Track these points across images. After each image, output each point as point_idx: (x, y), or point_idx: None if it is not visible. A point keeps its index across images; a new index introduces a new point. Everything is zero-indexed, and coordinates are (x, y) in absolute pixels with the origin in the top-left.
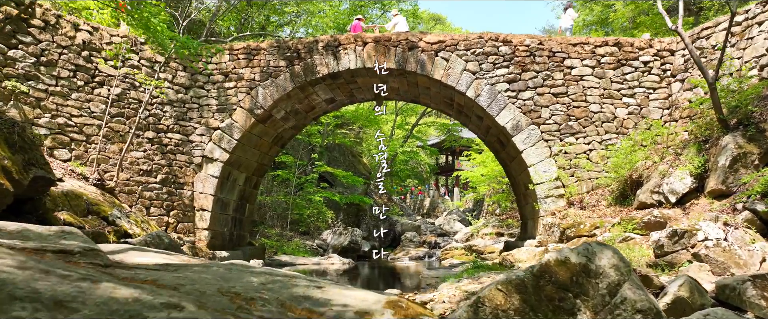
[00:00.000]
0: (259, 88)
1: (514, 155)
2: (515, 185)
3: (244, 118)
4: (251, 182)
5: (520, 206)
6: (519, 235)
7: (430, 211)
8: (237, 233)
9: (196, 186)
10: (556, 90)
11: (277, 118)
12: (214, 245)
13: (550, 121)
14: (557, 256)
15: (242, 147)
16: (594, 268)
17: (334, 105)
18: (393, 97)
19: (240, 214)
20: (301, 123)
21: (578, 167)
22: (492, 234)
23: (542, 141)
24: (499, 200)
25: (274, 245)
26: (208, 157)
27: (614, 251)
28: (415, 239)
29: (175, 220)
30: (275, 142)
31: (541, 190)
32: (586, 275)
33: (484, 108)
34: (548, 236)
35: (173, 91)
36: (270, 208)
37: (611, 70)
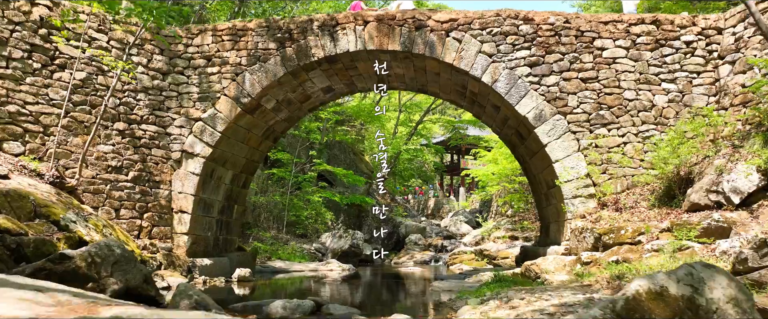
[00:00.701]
0: (245, 73)
1: (535, 150)
2: (535, 183)
3: (229, 108)
4: (239, 181)
5: (540, 207)
6: (538, 239)
7: (435, 212)
8: (223, 238)
9: (175, 185)
10: (584, 74)
11: (268, 108)
12: (196, 251)
13: (578, 111)
14: (650, 285)
15: (227, 141)
16: (704, 303)
17: (331, 95)
18: (397, 86)
19: (227, 216)
20: (296, 115)
21: (611, 163)
22: (505, 238)
23: (569, 133)
24: (512, 200)
25: (267, 250)
26: (189, 152)
27: (728, 276)
28: (420, 241)
29: (150, 223)
30: (266, 136)
31: (568, 189)
32: (694, 314)
33: (501, 95)
34: (578, 243)
35: (148, 76)
36: (264, 209)
37: (648, 52)
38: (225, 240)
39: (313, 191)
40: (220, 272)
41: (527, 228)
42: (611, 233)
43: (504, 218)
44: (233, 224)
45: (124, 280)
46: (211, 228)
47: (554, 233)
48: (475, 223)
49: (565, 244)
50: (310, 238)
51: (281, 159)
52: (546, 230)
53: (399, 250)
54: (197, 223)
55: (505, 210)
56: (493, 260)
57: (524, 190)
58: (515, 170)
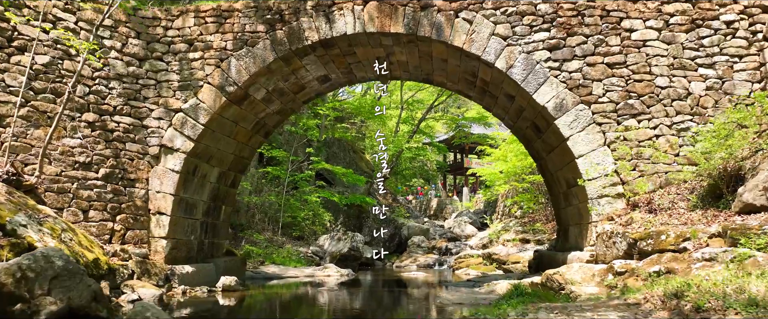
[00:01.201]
0: (231, 59)
1: (554, 144)
2: (552, 182)
3: (213, 98)
4: (227, 179)
5: (558, 208)
6: (554, 243)
7: (438, 212)
8: (209, 242)
9: (152, 183)
10: (611, 59)
11: (257, 98)
12: (176, 257)
13: (604, 100)
14: None
15: (212, 135)
16: None
17: (328, 85)
18: (400, 76)
19: (213, 218)
20: (289, 107)
21: (642, 158)
22: (515, 241)
23: (594, 125)
24: (523, 200)
25: (261, 254)
26: (168, 146)
27: None
28: (424, 244)
29: (123, 226)
30: (256, 130)
31: (592, 188)
32: None
33: (517, 83)
34: (606, 249)
35: (123, 62)
36: (259, 210)
37: (683, 34)
38: (211, 244)
39: (310, 190)
40: (205, 281)
41: (539, 231)
42: (649, 238)
43: (512, 220)
44: (221, 226)
45: (67, 298)
46: (195, 231)
47: (575, 237)
48: (480, 224)
49: (589, 249)
50: (307, 240)
51: (276, 157)
52: (564, 234)
53: (401, 252)
54: (178, 226)
55: (515, 211)
56: (503, 264)
57: (535, 189)
58: (526, 168)
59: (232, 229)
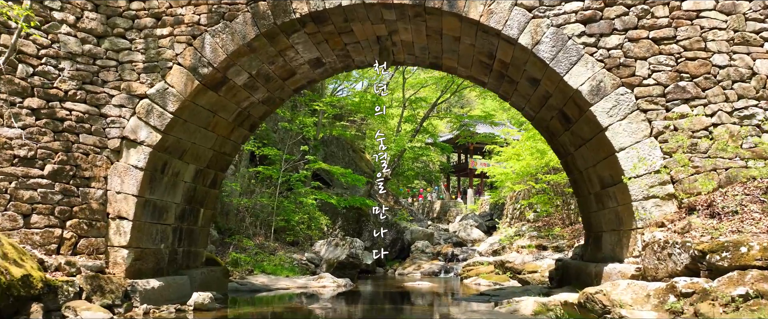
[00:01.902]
0: (205, 35)
1: (587, 136)
2: (580, 182)
3: (184, 82)
4: (206, 178)
5: (587, 211)
6: (582, 252)
7: (441, 215)
8: (184, 251)
9: (111, 183)
10: (658, 33)
11: (238, 84)
12: (141, 269)
13: (649, 82)
14: None
15: (184, 126)
16: None
17: (322, 71)
18: (404, 60)
19: (189, 223)
20: (277, 96)
21: (697, 152)
22: (531, 247)
23: (638, 112)
24: (539, 202)
25: (250, 262)
26: (131, 139)
27: None
28: (428, 249)
29: (75, 234)
30: (239, 122)
31: (637, 187)
32: None
33: (545, 63)
34: (660, 262)
35: (77, 39)
36: (249, 213)
37: (746, 2)
38: (186, 253)
39: (306, 192)
40: (176, 296)
41: (559, 236)
42: (723, 250)
43: (524, 223)
44: (199, 232)
45: None
46: (165, 238)
47: (611, 246)
48: (486, 227)
49: (633, 261)
50: (301, 246)
51: (269, 155)
52: (595, 241)
53: (404, 258)
54: (143, 232)
55: (529, 214)
56: (518, 274)
57: (551, 190)
58: (542, 167)
59: (219, 234)
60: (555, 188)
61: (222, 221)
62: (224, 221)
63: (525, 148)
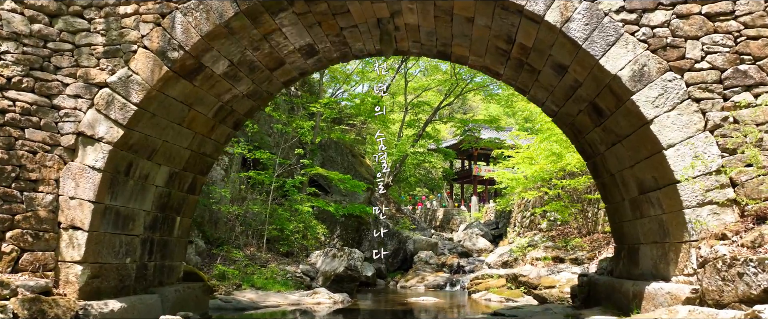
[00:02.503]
0: (176, 14)
1: (624, 131)
2: (611, 186)
3: (151, 67)
4: (182, 182)
5: (619, 219)
6: (611, 267)
7: (444, 224)
8: (156, 265)
9: (64, 186)
10: (712, 8)
11: (216, 73)
12: (100, 288)
13: (703, 65)
14: None
15: (152, 121)
16: None
17: (315, 60)
18: (408, 49)
19: (162, 233)
20: (265, 89)
21: (764, 148)
22: (547, 259)
23: (689, 101)
24: (555, 209)
25: (238, 275)
26: (87, 135)
27: None
28: (432, 260)
29: (16, 247)
30: (221, 118)
31: (690, 191)
32: None
33: (576, 44)
34: (725, 284)
35: (24, 18)
36: (240, 221)
37: None
38: (159, 268)
39: (301, 199)
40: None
41: (578, 247)
42: None
43: (535, 232)
44: (175, 243)
45: None
46: (132, 251)
47: (653, 261)
48: (492, 237)
49: (685, 280)
50: (296, 257)
51: (261, 159)
52: (631, 255)
53: (406, 269)
54: (102, 245)
55: (543, 223)
56: (534, 289)
57: (568, 196)
58: (558, 171)
59: (207, 244)
60: (572, 195)
61: (210, 231)
62: (213, 231)
63: (539, 151)
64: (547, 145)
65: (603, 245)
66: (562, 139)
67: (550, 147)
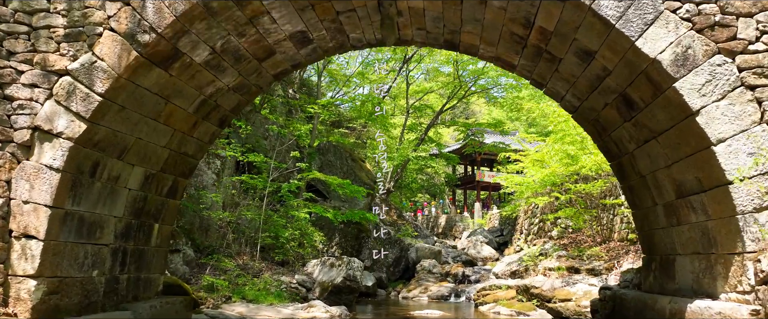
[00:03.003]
0: None
1: (662, 126)
2: (640, 188)
3: (118, 53)
4: (161, 185)
5: (647, 227)
6: (639, 279)
7: (447, 230)
8: (130, 278)
9: (17, 188)
10: None
11: (196, 61)
12: (59, 306)
13: (758, 47)
14: None
15: (122, 114)
16: None
17: (309, 51)
18: (412, 38)
19: (137, 242)
20: (253, 83)
21: None
22: (561, 269)
23: (743, 89)
24: (569, 216)
25: (228, 286)
26: (45, 129)
27: None
28: (435, 269)
29: None
30: (204, 114)
31: (744, 193)
32: None
33: (608, 23)
34: None
35: None
36: (232, 228)
37: None
38: (134, 281)
39: (298, 205)
40: None
41: (594, 256)
42: None
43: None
44: (153, 253)
45: None
46: (100, 263)
47: (694, 275)
48: (497, 244)
49: (739, 298)
50: (291, 266)
51: (255, 163)
52: (665, 267)
53: (408, 279)
54: (62, 256)
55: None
56: (547, 302)
57: (584, 202)
58: (572, 174)
59: (198, 253)
60: (586, 200)
61: (200, 238)
62: (203, 238)
63: (555, 151)
64: (561, 146)
65: (621, 254)
66: (577, 140)
67: (565, 149)
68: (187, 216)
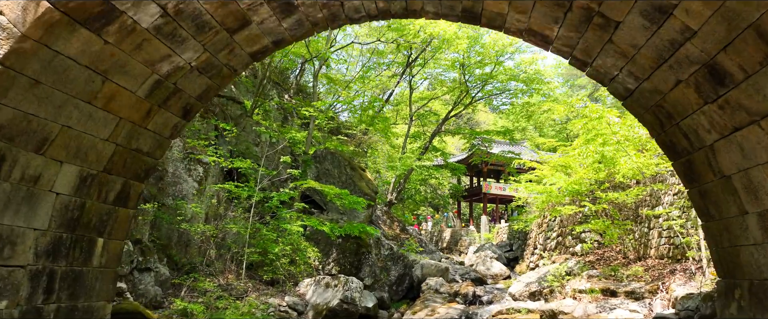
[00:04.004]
0: None
1: (761, 108)
2: (718, 193)
3: (23, 4)
4: (104, 190)
5: (725, 242)
6: (712, 308)
7: (452, 245)
8: (59, 308)
9: None
10: None
11: (141, 25)
12: None
13: None
14: None
15: (36, 92)
16: None
17: (294, 22)
18: (423, 6)
19: (71, 261)
20: (223, 62)
21: None
22: (594, 292)
23: None
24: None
25: (203, 312)
26: None
27: None
28: (443, 288)
29: None
30: (160, 99)
31: None
32: None
33: None
34: None
35: None
36: (215, 243)
37: None
38: (65, 312)
39: (291, 217)
40: None
41: (631, 276)
42: None
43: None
44: (95, 276)
45: None
46: (11, 291)
47: None
48: (507, 260)
49: None
50: (282, 286)
51: (240, 169)
52: (758, 296)
53: (413, 299)
54: None
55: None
56: None
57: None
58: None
59: (174, 271)
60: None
61: (179, 255)
62: (182, 255)
63: (586, 154)
64: (596, 147)
65: (665, 274)
66: (611, 139)
67: (601, 150)
68: (164, 229)
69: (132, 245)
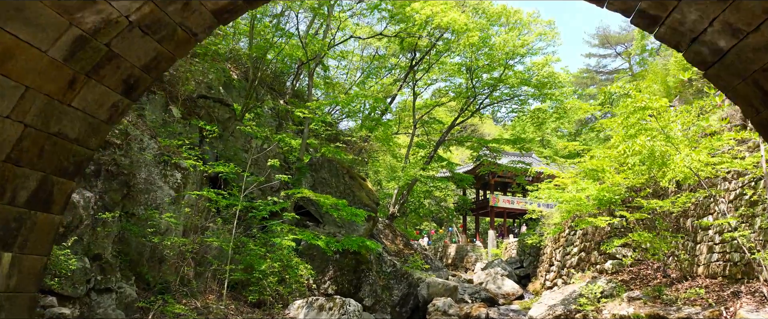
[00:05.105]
0: None
1: None
2: None
3: None
4: (13, 187)
5: None
6: None
7: (457, 261)
8: None
9: None
10: None
11: None
12: None
13: None
14: None
15: None
16: None
17: None
18: None
19: None
20: (175, 20)
21: None
22: (638, 317)
23: None
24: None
25: None
26: None
27: None
28: (452, 309)
29: None
30: (84, 64)
31: None
32: None
33: None
34: None
35: None
36: (192, 258)
37: None
38: None
39: (281, 229)
40: None
41: (684, 300)
42: None
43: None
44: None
45: None
46: None
47: None
48: (517, 277)
49: None
50: (269, 309)
51: (221, 174)
52: None
53: None
54: None
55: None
56: None
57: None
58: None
59: (146, 291)
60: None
61: (151, 273)
62: (155, 273)
63: (632, 151)
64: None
65: (728, 297)
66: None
67: (651, 145)
68: (133, 243)
69: (89, 262)
